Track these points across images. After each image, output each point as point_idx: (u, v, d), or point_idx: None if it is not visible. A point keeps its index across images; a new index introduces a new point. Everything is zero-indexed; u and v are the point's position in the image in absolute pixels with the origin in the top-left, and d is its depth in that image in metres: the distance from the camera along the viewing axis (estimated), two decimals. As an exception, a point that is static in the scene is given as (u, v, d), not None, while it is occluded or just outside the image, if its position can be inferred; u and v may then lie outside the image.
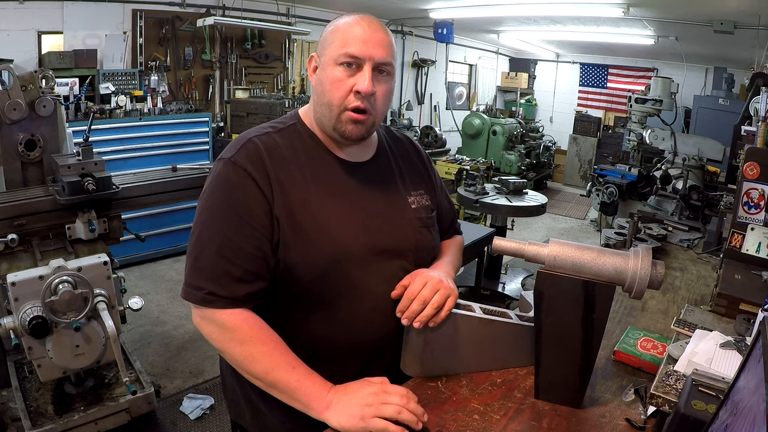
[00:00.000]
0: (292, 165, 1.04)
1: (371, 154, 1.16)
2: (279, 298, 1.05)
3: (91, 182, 2.33)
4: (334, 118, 1.04)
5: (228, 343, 1.00)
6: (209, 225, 1.01)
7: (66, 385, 2.33)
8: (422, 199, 1.20)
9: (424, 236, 1.16)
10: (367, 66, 1.00)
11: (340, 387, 0.98)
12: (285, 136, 1.08)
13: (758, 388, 0.63)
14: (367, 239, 1.06)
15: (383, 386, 0.96)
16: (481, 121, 8.07)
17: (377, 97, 1.03)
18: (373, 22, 1.04)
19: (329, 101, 1.03)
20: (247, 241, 0.99)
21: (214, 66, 5.65)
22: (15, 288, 1.84)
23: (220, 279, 0.98)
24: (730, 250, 1.84)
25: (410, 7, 6.37)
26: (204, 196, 1.04)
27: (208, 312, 1.00)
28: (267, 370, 0.98)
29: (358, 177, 1.11)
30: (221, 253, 0.98)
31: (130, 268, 4.50)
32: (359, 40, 1.00)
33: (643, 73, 8.90)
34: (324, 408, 0.95)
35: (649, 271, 0.98)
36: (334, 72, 1.01)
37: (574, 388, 1.06)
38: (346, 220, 1.05)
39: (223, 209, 1.00)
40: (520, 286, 4.55)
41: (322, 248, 1.02)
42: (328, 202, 1.05)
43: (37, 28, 4.41)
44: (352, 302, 1.06)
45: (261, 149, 1.03)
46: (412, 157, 1.26)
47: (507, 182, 4.36)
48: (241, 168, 1.00)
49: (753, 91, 3.90)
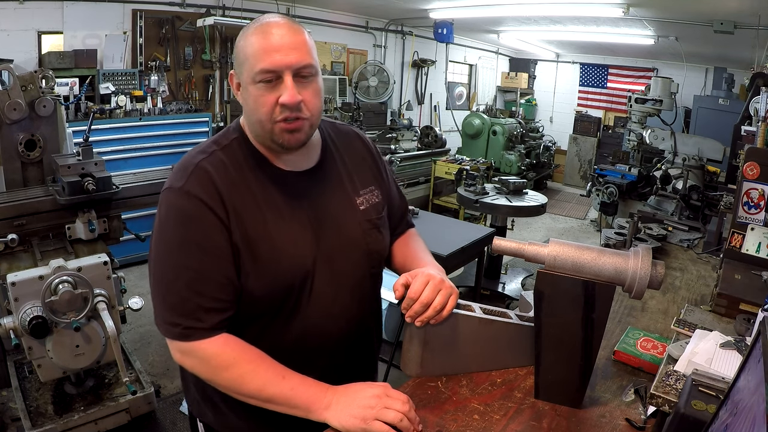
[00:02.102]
0: (242, 186, 1.02)
1: (315, 160, 1.13)
2: (237, 319, 1.04)
3: (91, 182, 2.33)
4: (269, 132, 1.01)
5: (213, 372, 0.99)
6: (172, 259, 0.98)
7: (66, 385, 2.33)
8: (372, 197, 1.18)
9: (374, 238, 1.16)
10: (287, 76, 0.96)
11: (340, 388, 0.98)
12: (229, 153, 1.05)
13: (758, 388, 0.63)
14: (319, 251, 1.06)
15: (386, 390, 0.96)
16: (481, 121, 8.07)
17: (306, 101, 0.99)
18: (282, 26, 0.98)
19: (258, 119, 1.00)
20: (214, 270, 0.98)
21: (214, 66, 5.65)
22: (15, 288, 1.84)
23: (194, 313, 0.97)
24: (730, 250, 1.84)
25: (410, 7, 6.37)
26: (160, 230, 1.00)
27: (186, 346, 0.98)
28: (259, 388, 0.97)
29: (305, 185, 1.09)
30: (190, 287, 0.97)
31: (130, 268, 4.49)
32: (270, 52, 0.95)
33: (643, 73, 8.89)
34: (324, 408, 0.95)
35: (649, 271, 0.98)
36: (256, 91, 0.97)
37: (574, 388, 1.06)
38: (299, 237, 1.05)
39: (184, 243, 0.97)
40: (520, 286, 4.55)
41: (279, 271, 1.02)
42: (280, 222, 1.03)
43: (37, 28, 4.41)
44: (308, 309, 1.06)
45: (212, 174, 0.99)
46: (360, 152, 1.23)
47: (507, 182, 4.36)
48: (195, 197, 0.97)
49: (753, 91, 3.90)
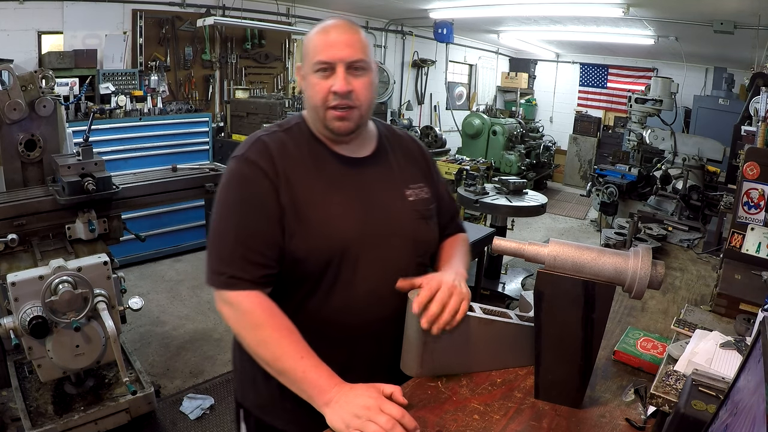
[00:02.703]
0: (297, 160, 1.13)
1: (370, 150, 1.23)
2: (282, 282, 1.13)
3: (91, 182, 2.33)
4: (322, 118, 1.13)
5: (242, 327, 1.07)
6: (227, 217, 1.10)
7: (66, 385, 2.33)
8: (421, 192, 1.25)
9: (421, 227, 1.22)
10: (339, 68, 1.09)
11: (346, 386, 0.98)
12: (290, 134, 1.18)
13: (758, 388, 0.63)
14: (365, 229, 1.14)
15: (381, 402, 0.94)
16: (481, 121, 8.07)
17: (357, 91, 1.11)
18: (340, 26, 1.12)
19: (314, 104, 1.13)
20: (262, 228, 1.08)
21: (214, 66, 5.65)
22: (15, 288, 1.84)
23: (240, 263, 1.06)
24: (730, 250, 1.84)
25: (410, 7, 6.37)
26: (220, 192, 1.14)
27: (226, 295, 1.07)
28: (276, 357, 1.02)
29: (358, 171, 1.19)
30: (239, 241, 1.08)
31: (130, 268, 4.50)
32: (328, 47, 1.10)
33: (643, 73, 8.89)
34: (325, 403, 0.97)
35: (649, 271, 0.98)
36: (314, 79, 1.12)
37: (574, 388, 1.06)
38: (346, 211, 1.13)
39: (239, 201, 1.10)
40: (520, 286, 4.55)
41: (324, 237, 1.10)
42: (330, 194, 1.13)
43: (37, 28, 4.41)
44: (349, 287, 1.12)
45: (270, 146, 1.13)
46: (412, 152, 1.32)
47: (507, 182, 4.36)
48: (253, 163, 1.11)
49: (753, 91, 3.90)
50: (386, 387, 0.98)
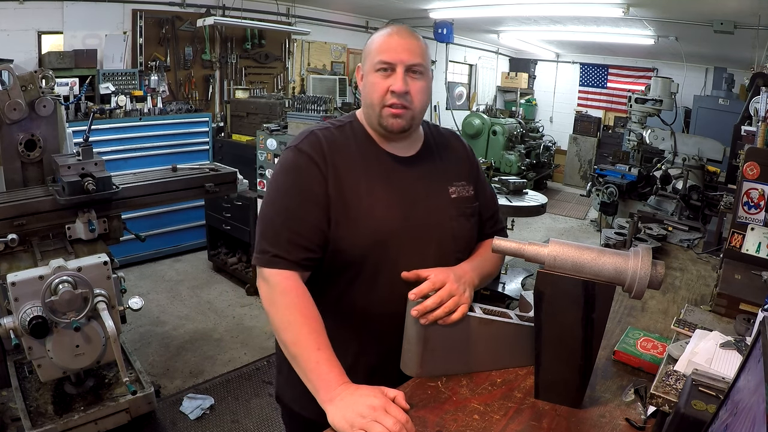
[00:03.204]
0: (347, 154, 1.21)
1: (417, 149, 1.29)
2: (325, 270, 1.19)
3: (91, 182, 2.33)
4: (377, 115, 1.19)
5: (273, 305, 1.11)
6: (277, 202, 1.18)
7: (66, 385, 2.33)
8: (464, 190, 1.31)
9: (460, 224, 1.28)
10: (399, 69, 1.16)
11: (352, 386, 0.99)
12: (342, 131, 1.25)
13: (758, 388, 0.63)
14: (407, 222, 1.20)
15: (387, 404, 0.94)
16: (481, 121, 8.07)
17: (412, 94, 1.18)
18: (403, 32, 1.20)
19: (371, 102, 1.19)
20: (309, 214, 1.15)
21: (214, 66, 5.65)
22: (15, 288, 1.83)
23: (284, 244, 1.13)
24: (730, 250, 1.84)
25: (410, 7, 6.37)
26: (273, 178, 1.22)
27: (268, 272, 1.13)
28: (295, 341, 1.06)
29: (404, 168, 1.25)
30: (286, 224, 1.14)
31: (130, 268, 4.50)
32: (391, 48, 1.17)
33: (643, 73, 8.90)
34: (328, 400, 0.97)
35: (649, 271, 0.98)
36: (374, 78, 1.19)
37: (574, 388, 1.06)
38: (390, 204, 1.19)
39: (290, 188, 1.17)
40: (520, 286, 4.55)
41: (367, 227, 1.16)
42: (376, 187, 1.19)
43: (37, 28, 4.41)
44: (390, 278, 1.16)
45: (321, 139, 1.20)
46: (458, 151, 1.38)
47: (507, 182, 4.36)
48: (305, 153, 1.18)
49: (753, 91, 3.90)
50: (390, 390, 0.99)
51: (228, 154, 4.82)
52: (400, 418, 0.92)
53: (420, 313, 1.06)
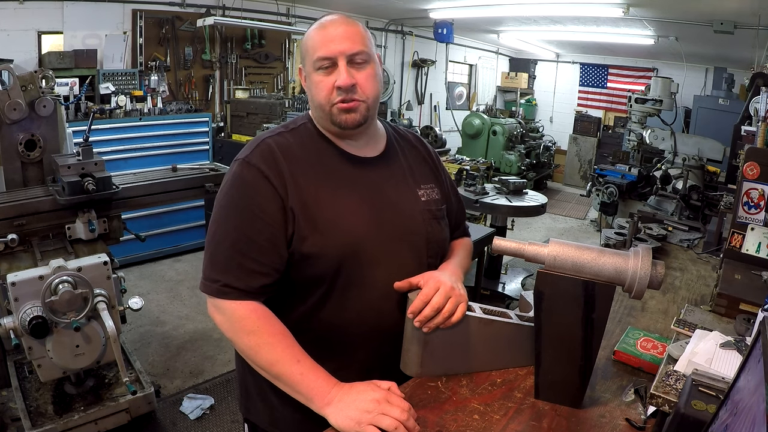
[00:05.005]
0: (304, 162, 1.10)
1: (380, 149, 1.21)
2: (293, 288, 1.10)
3: (91, 182, 2.33)
4: (328, 114, 1.10)
5: (236, 333, 1.04)
6: (224, 222, 1.07)
7: (66, 385, 2.33)
8: (432, 192, 1.24)
9: (434, 228, 1.20)
10: (341, 62, 1.07)
11: (345, 385, 0.98)
12: (296, 135, 1.14)
13: (758, 388, 0.63)
14: (377, 231, 1.11)
15: (388, 395, 0.95)
16: (481, 121, 8.07)
17: (360, 84, 1.08)
18: (337, 21, 1.10)
19: (319, 103, 1.10)
20: (260, 235, 1.04)
21: (214, 66, 5.65)
22: (15, 288, 1.84)
23: (235, 271, 1.03)
24: (730, 250, 1.84)
25: (410, 7, 6.37)
26: (220, 195, 1.11)
27: (220, 303, 1.05)
28: (271, 362, 1.01)
29: (368, 171, 1.16)
30: (236, 247, 1.04)
31: (130, 268, 4.50)
32: (326, 42, 1.07)
33: (643, 73, 8.89)
34: (325, 404, 0.96)
35: (649, 271, 0.98)
36: (316, 77, 1.09)
37: (574, 388, 1.06)
38: (357, 212, 1.10)
39: (238, 206, 1.06)
40: (520, 286, 4.55)
41: (335, 240, 1.07)
42: (340, 195, 1.10)
43: (37, 28, 4.41)
44: (363, 291, 1.10)
45: (274, 149, 1.09)
46: (421, 153, 1.30)
47: (507, 182, 4.36)
48: (255, 167, 1.06)
49: (753, 91, 3.89)
50: (383, 383, 0.99)
51: (228, 154, 4.82)
52: (403, 406, 0.93)
53: (422, 323, 1.04)
